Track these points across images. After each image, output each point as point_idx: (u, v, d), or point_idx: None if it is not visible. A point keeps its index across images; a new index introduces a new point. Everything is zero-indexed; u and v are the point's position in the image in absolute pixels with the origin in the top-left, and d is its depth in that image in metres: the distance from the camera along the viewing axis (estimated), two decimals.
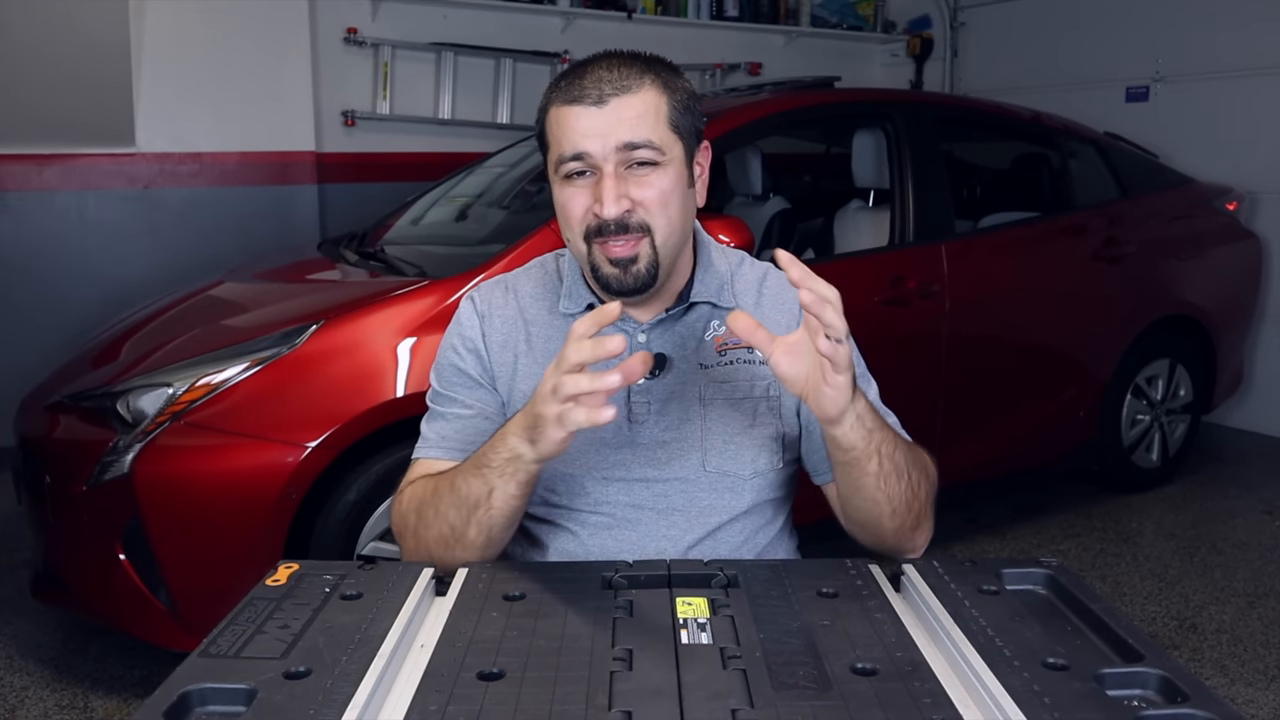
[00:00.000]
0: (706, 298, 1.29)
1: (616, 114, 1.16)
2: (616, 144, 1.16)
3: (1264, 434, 4.55)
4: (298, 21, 4.30)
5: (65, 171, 4.11)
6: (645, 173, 1.18)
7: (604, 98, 1.16)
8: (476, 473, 1.13)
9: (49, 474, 2.43)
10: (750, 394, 1.27)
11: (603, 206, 1.16)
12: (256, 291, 2.98)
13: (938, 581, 1.02)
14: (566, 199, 1.20)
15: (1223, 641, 2.74)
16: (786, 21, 5.55)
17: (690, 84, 1.25)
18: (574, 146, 1.17)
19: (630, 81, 1.17)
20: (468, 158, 3.88)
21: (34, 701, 2.42)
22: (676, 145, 1.20)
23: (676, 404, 1.26)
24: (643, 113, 1.17)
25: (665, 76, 1.21)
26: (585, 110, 1.16)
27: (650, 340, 1.27)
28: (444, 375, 1.32)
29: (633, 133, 1.16)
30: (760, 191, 3.55)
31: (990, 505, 3.66)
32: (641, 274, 1.20)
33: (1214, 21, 4.49)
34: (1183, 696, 0.80)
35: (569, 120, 1.17)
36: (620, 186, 1.17)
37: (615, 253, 1.18)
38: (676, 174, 1.20)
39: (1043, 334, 3.39)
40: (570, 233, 1.22)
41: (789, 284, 1.31)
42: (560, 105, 1.19)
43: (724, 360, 1.27)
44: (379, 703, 0.83)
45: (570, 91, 1.18)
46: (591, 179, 1.18)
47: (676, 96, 1.20)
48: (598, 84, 1.17)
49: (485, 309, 1.32)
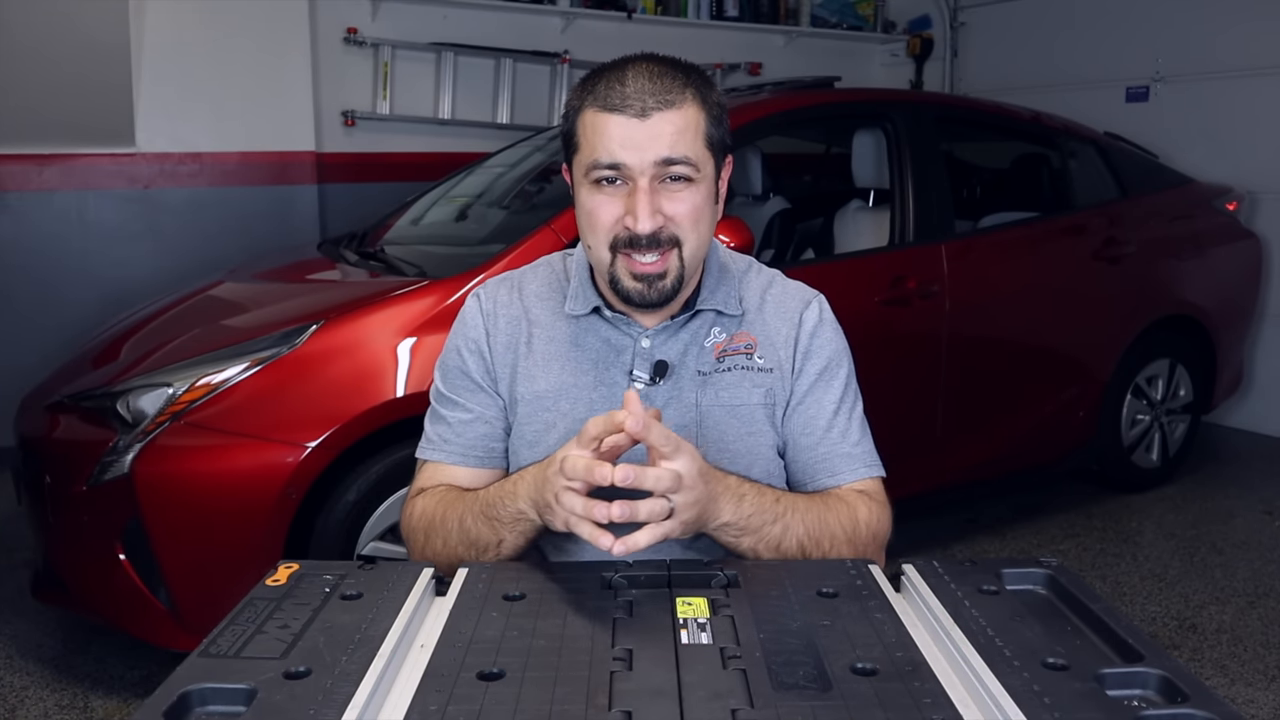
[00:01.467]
0: (713, 305, 1.28)
1: (658, 128, 1.15)
2: (655, 159, 1.15)
3: (1264, 434, 4.55)
4: (298, 21, 4.30)
5: (65, 171, 4.11)
6: (679, 188, 1.17)
7: (646, 110, 1.14)
8: (486, 522, 1.16)
9: (49, 474, 2.43)
10: (748, 401, 1.27)
11: (636, 221, 1.15)
12: (256, 291, 2.98)
13: (938, 581, 1.02)
14: (596, 205, 1.19)
15: (1223, 641, 2.74)
16: (786, 21, 5.55)
17: (722, 95, 1.25)
18: (611, 156, 1.15)
19: (673, 95, 1.16)
20: (468, 158, 3.88)
21: (34, 701, 2.42)
22: (709, 162, 1.20)
23: (674, 410, 1.26)
24: (683, 129, 1.16)
25: (704, 90, 1.20)
26: (626, 121, 1.14)
27: (653, 346, 1.27)
28: (447, 376, 1.32)
29: (672, 149, 1.15)
30: (760, 191, 3.55)
31: (990, 505, 3.66)
32: (667, 289, 1.20)
33: (1214, 21, 4.49)
34: (1183, 696, 0.80)
35: (607, 128, 1.15)
36: (655, 201, 1.16)
37: (642, 269, 1.18)
38: (708, 190, 1.20)
39: (1043, 334, 3.39)
40: (594, 238, 1.21)
41: (793, 294, 1.33)
42: (599, 110, 1.16)
43: (722, 367, 1.27)
44: (379, 703, 0.83)
45: (610, 98, 1.15)
46: (623, 188, 1.17)
47: (712, 111, 1.20)
48: (640, 95, 1.15)
49: (490, 307, 1.32)
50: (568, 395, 1.26)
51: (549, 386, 1.27)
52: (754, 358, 1.27)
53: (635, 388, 1.24)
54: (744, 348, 1.28)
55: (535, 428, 1.27)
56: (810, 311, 1.31)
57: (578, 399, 1.26)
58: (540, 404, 1.27)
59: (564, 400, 1.26)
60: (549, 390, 1.27)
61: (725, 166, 1.26)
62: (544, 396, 1.27)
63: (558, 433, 1.25)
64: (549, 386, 1.27)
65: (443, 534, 1.21)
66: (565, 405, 1.26)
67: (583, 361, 1.27)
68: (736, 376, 1.27)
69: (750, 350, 1.28)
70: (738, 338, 1.28)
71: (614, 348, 1.27)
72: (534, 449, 1.26)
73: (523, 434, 1.28)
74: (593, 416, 1.23)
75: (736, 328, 1.29)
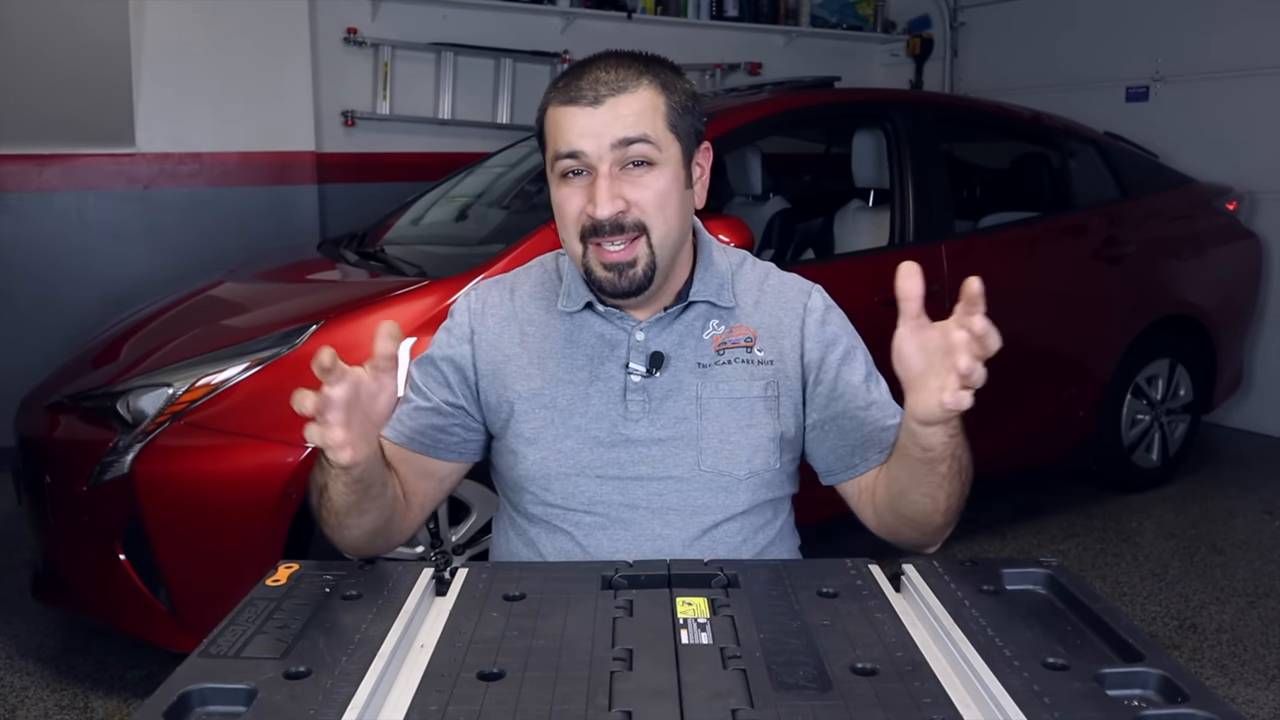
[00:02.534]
0: (706, 297, 1.28)
1: (612, 112, 1.16)
2: (611, 141, 1.16)
3: (1264, 434, 4.55)
4: (298, 21, 4.30)
5: (65, 171, 4.10)
6: (641, 173, 1.18)
7: (600, 98, 1.16)
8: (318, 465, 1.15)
9: (49, 474, 2.43)
10: (747, 394, 1.26)
11: (596, 207, 1.16)
12: (256, 291, 2.98)
13: (938, 581, 1.02)
14: (562, 199, 1.20)
15: (1223, 641, 2.74)
16: (786, 21, 5.55)
17: (692, 85, 1.25)
18: (568, 144, 1.17)
19: (627, 82, 1.17)
20: (468, 158, 3.88)
21: (34, 701, 2.42)
22: (674, 145, 1.20)
23: (672, 403, 1.26)
24: (639, 111, 1.17)
25: (664, 77, 1.21)
26: (581, 110, 1.17)
27: (648, 338, 1.27)
28: (421, 363, 1.33)
29: (627, 129, 1.16)
30: (760, 191, 3.55)
31: (990, 505, 3.66)
32: (638, 276, 1.20)
33: (1214, 21, 4.48)
34: (1183, 696, 0.80)
35: (565, 119, 1.18)
36: (615, 187, 1.17)
37: (611, 257, 1.19)
38: (673, 174, 1.20)
39: (1043, 334, 3.39)
40: (566, 233, 1.22)
41: (791, 284, 1.32)
42: (558, 105, 1.19)
43: (722, 359, 1.27)
44: (379, 703, 0.83)
45: (568, 92, 1.18)
46: (587, 179, 1.18)
47: (675, 97, 1.20)
48: (594, 84, 1.17)
49: (480, 306, 1.32)
50: (564, 392, 1.26)
51: (545, 383, 1.27)
52: (754, 350, 1.27)
53: (632, 379, 1.25)
54: (744, 340, 1.28)
55: (533, 424, 1.27)
56: (814, 300, 1.31)
57: (574, 395, 1.26)
58: (537, 401, 1.27)
59: (560, 397, 1.26)
60: (545, 387, 1.27)
61: (702, 153, 1.26)
62: (540, 393, 1.27)
63: (555, 428, 1.26)
64: (545, 383, 1.27)
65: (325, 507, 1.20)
66: (562, 401, 1.26)
67: (578, 357, 1.28)
68: (736, 369, 1.27)
69: (750, 343, 1.28)
70: (736, 330, 1.28)
71: (608, 342, 1.28)
72: (533, 445, 1.27)
73: (520, 431, 1.28)
74: (590, 411, 1.24)
75: (734, 320, 1.29)
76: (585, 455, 1.25)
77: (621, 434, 1.25)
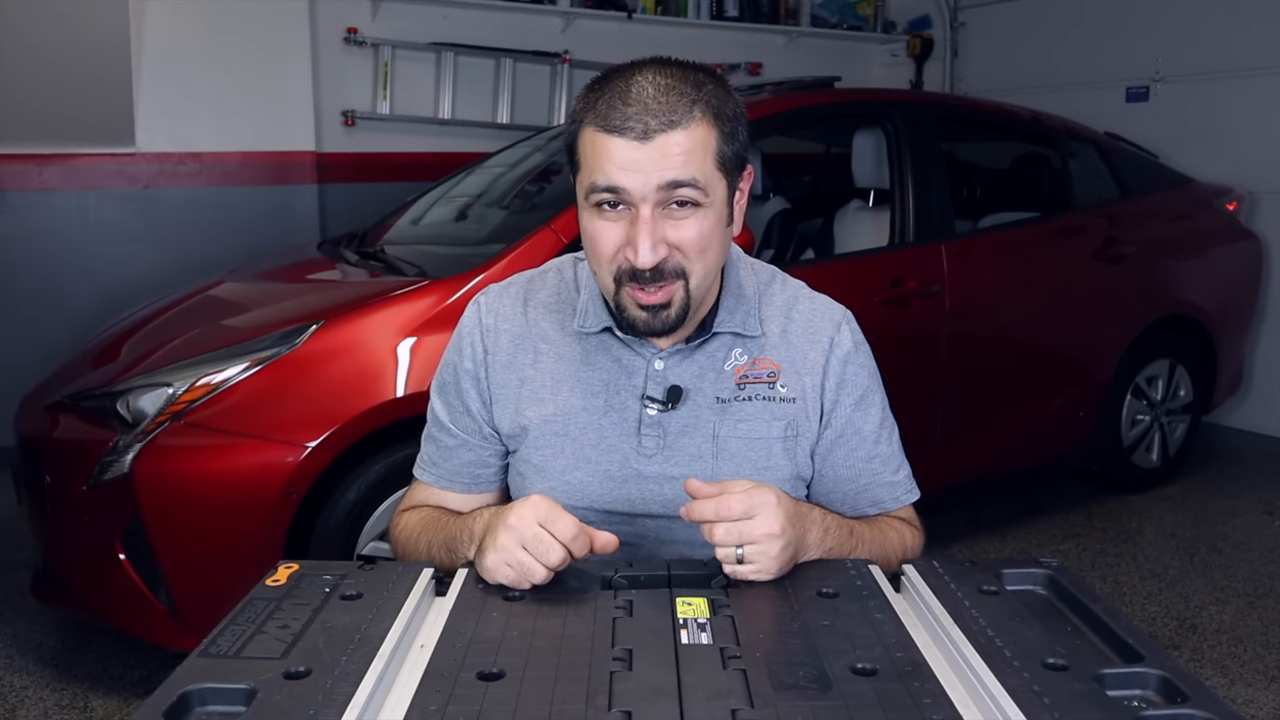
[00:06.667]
0: (731, 328, 1.22)
1: (661, 150, 1.06)
2: (659, 183, 1.06)
3: (1264, 434, 4.55)
4: (298, 21, 4.30)
5: (65, 171, 4.10)
6: (685, 214, 1.09)
7: (649, 133, 1.05)
8: (448, 554, 1.15)
9: (49, 474, 2.43)
10: (766, 434, 1.21)
11: (637, 254, 1.08)
12: (256, 291, 2.98)
13: (938, 581, 1.02)
14: (596, 231, 1.11)
15: (1223, 641, 2.74)
16: (786, 21, 5.55)
17: (740, 101, 1.15)
18: (609, 179, 1.07)
19: (678, 114, 1.06)
20: (468, 158, 3.88)
21: (34, 701, 2.42)
22: (720, 184, 1.11)
23: (688, 439, 1.21)
24: (689, 150, 1.07)
25: (717, 102, 1.10)
26: (626, 143, 1.06)
27: (667, 369, 1.21)
28: (442, 392, 1.30)
29: (676, 172, 1.06)
30: (760, 191, 3.54)
31: (990, 505, 3.66)
32: (671, 319, 1.13)
33: (1214, 22, 4.49)
34: (1183, 696, 0.80)
35: (607, 149, 1.07)
36: (657, 230, 1.08)
37: (647, 300, 1.12)
38: (717, 216, 1.12)
39: (1043, 334, 3.39)
40: (597, 266, 1.14)
41: (821, 313, 1.27)
42: (598, 131, 1.08)
43: (742, 394, 1.21)
44: (379, 703, 0.83)
45: (611, 118, 1.06)
46: (625, 213, 1.09)
47: (726, 125, 1.10)
48: (643, 114, 1.06)
49: (492, 321, 1.26)
50: (577, 420, 1.22)
51: (557, 410, 1.22)
52: (776, 386, 1.21)
53: (648, 413, 1.21)
54: (766, 375, 1.22)
55: (544, 453, 1.23)
56: (842, 336, 1.25)
57: (587, 424, 1.22)
58: (549, 428, 1.22)
59: (573, 425, 1.22)
60: (557, 414, 1.22)
61: (744, 178, 1.17)
62: (552, 420, 1.22)
63: (566, 458, 1.22)
64: (557, 410, 1.22)
65: (414, 555, 1.22)
66: (575, 430, 1.22)
67: (593, 383, 1.22)
68: (757, 407, 1.21)
69: (773, 379, 1.22)
70: (760, 363, 1.22)
71: (625, 369, 1.22)
72: (542, 474, 1.23)
73: (529, 458, 1.24)
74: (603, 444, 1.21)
75: (759, 350, 1.22)
76: (595, 489, 1.22)
77: (634, 469, 1.21)
